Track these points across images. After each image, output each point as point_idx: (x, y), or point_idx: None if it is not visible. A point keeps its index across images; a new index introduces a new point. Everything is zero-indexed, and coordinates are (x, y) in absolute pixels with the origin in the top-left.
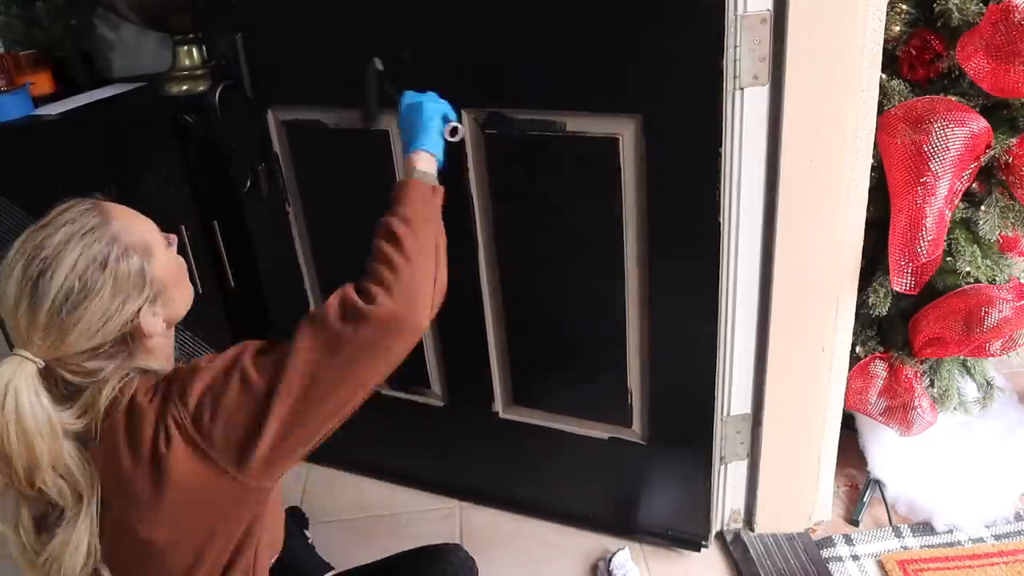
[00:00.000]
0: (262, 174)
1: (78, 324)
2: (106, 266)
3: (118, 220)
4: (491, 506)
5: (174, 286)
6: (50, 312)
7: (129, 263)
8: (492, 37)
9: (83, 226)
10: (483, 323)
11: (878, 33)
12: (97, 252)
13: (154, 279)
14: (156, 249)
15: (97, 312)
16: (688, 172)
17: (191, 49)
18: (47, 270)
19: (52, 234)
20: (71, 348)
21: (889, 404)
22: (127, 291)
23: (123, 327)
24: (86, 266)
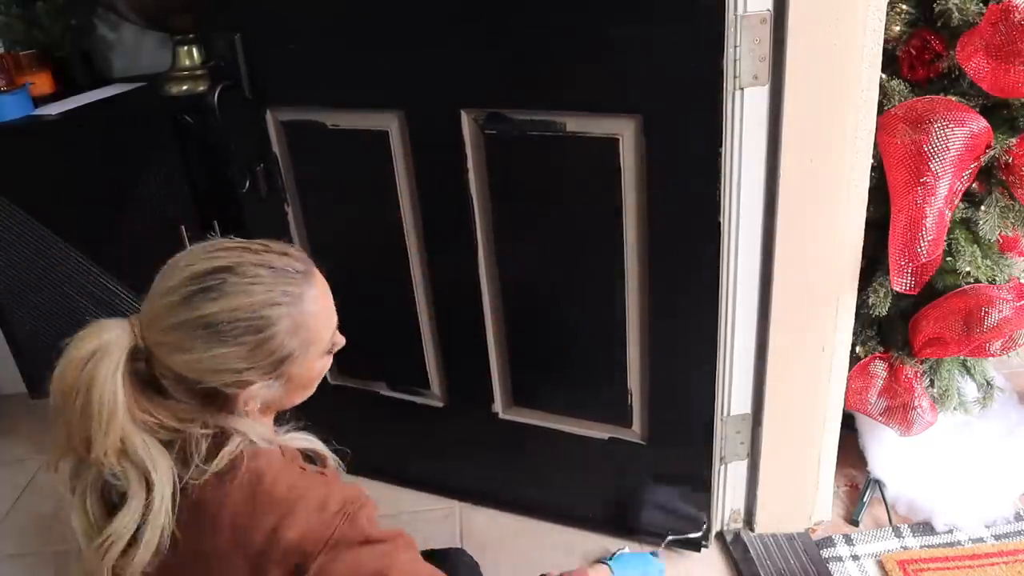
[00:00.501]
0: (261, 175)
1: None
2: (260, 334)
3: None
4: (491, 506)
5: (299, 387)
6: (185, 324)
7: (283, 347)
8: (492, 37)
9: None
10: (483, 323)
11: (878, 33)
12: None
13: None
14: (313, 350)
15: (217, 361)
16: (688, 172)
17: (191, 49)
18: (216, 290)
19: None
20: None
21: (889, 404)
22: (258, 364)
23: (224, 387)
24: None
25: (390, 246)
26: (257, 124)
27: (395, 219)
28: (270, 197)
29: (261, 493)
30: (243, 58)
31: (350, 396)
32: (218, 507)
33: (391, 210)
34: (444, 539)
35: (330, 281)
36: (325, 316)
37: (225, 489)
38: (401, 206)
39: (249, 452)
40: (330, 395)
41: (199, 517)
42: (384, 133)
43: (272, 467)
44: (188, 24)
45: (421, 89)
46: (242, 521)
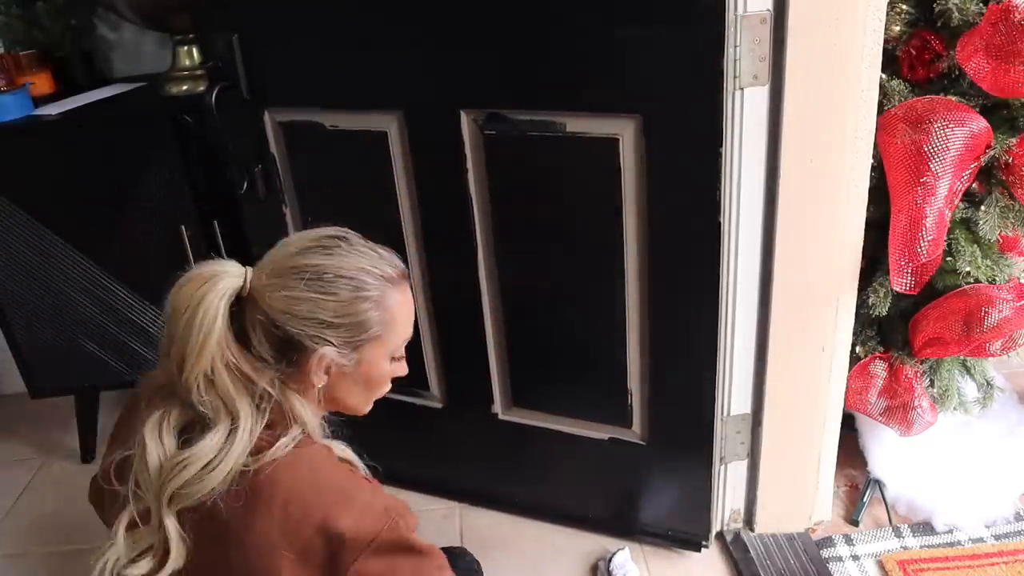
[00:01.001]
0: (259, 175)
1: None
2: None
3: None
4: (491, 507)
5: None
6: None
7: (370, 313)
8: (492, 37)
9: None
10: (482, 324)
11: (878, 33)
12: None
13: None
14: (390, 341)
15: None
16: (688, 172)
17: (191, 49)
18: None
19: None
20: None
21: (889, 404)
22: (343, 323)
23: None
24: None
25: (389, 246)
26: (255, 124)
27: (394, 220)
28: (268, 197)
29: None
30: (241, 58)
31: None
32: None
33: (390, 211)
34: (444, 539)
35: None
36: (407, 316)
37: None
38: (400, 207)
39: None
40: None
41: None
42: (383, 133)
43: (328, 460)
44: (187, 24)
45: (421, 89)
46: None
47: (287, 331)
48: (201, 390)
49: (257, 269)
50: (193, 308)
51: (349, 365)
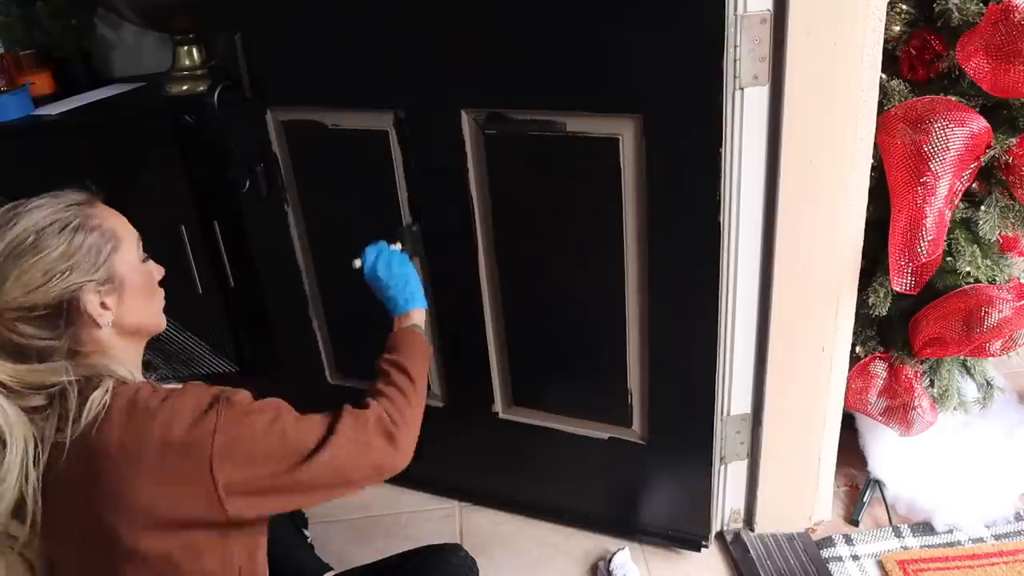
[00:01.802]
0: (261, 174)
1: (19, 275)
2: (63, 230)
3: (99, 208)
4: (491, 506)
5: (135, 291)
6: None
7: (87, 237)
8: (492, 37)
9: (62, 200)
10: (483, 323)
11: (878, 33)
12: (61, 217)
13: (112, 268)
14: (124, 245)
15: (40, 267)
16: (688, 172)
17: (191, 49)
18: (13, 219)
19: (34, 200)
20: (7, 297)
21: (889, 404)
22: (76, 261)
23: (62, 295)
24: (46, 226)
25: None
26: (257, 124)
27: (395, 219)
28: (270, 197)
29: (137, 412)
30: (243, 58)
31: (349, 396)
32: (103, 444)
33: (391, 210)
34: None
35: (330, 280)
36: (119, 220)
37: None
38: (401, 206)
39: (117, 391)
40: (329, 395)
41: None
42: (384, 133)
43: (141, 391)
44: (188, 24)
45: (422, 89)
46: (132, 443)
47: (44, 304)
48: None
49: None
50: None
51: (114, 286)
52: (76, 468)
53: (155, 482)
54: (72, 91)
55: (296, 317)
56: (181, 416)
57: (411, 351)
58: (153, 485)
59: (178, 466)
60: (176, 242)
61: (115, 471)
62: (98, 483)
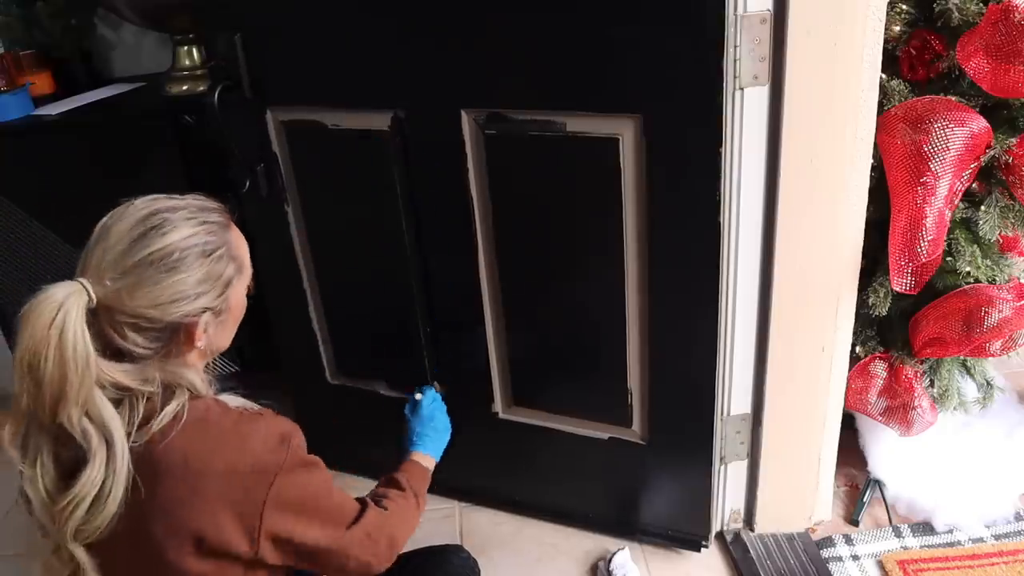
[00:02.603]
0: (261, 175)
1: (153, 288)
2: (209, 256)
3: (235, 234)
4: (491, 506)
5: (231, 319)
6: (141, 262)
7: (226, 268)
8: (492, 37)
9: (208, 216)
10: (483, 323)
11: (878, 33)
12: (209, 241)
13: (229, 299)
14: (244, 277)
15: (176, 288)
16: (688, 172)
17: (191, 49)
18: (163, 226)
19: (182, 208)
20: (132, 303)
21: (889, 404)
22: (209, 288)
23: (184, 317)
24: (194, 245)
25: (390, 246)
26: (257, 124)
27: (395, 219)
28: (270, 197)
29: (211, 430)
30: (243, 58)
31: (349, 396)
32: (168, 457)
33: (391, 210)
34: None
35: (330, 280)
36: (246, 246)
37: (172, 441)
38: (401, 206)
39: (189, 404)
40: (330, 395)
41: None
42: (384, 132)
43: (213, 409)
44: (188, 24)
45: (422, 89)
46: (196, 463)
47: (163, 321)
48: (75, 424)
49: (92, 277)
50: (57, 348)
51: (224, 316)
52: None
53: (210, 508)
54: (72, 91)
55: (296, 317)
56: (250, 446)
57: (424, 485)
58: (207, 510)
59: (234, 497)
60: None
61: (174, 489)
62: (154, 496)
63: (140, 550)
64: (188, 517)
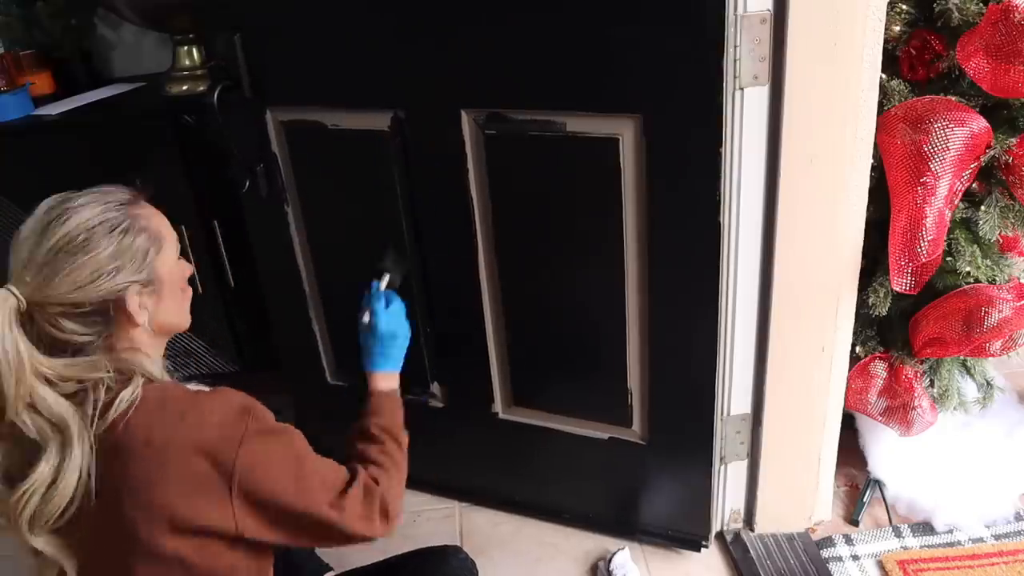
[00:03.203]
0: (261, 175)
1: (70, 272)
2: (113, 231)
3: (145, 208)
4: (491, 506)
5: (170, 291)
6: (50, 250)
7: (135, 239)
8: (492, 37)
9: (110, 198)
10: (483, 323)
11: (878, 33)
12: (111, 218)
13: (154, 269)
14: (166, 246)
15: (90, 266)
16: (688, 172)
17: (191, 49)
18: (64, 215)
19: (83, 195)
20: (55, 292)
21: (889, 404)
22: (124, 262)
23: (108, 294)
24: (96, 224)
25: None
26: (257, 124)
27: (395, 219)
28: (270, 197)
29: (170, 408)
30: (243, 58)
31: (349, 396)
32: (130, 439)
33: (391, 210)
34: (444, 539)
35: (330, 280)
36: (163, 221)
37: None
38: (401, 206)
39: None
40: (329, 395)
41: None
42: (384, 133)
43: (171, 390)
44: (188, 24)
45: (422, 89)
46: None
47: (90, 302)
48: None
49: (15, 280)
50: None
51: (155, 287)
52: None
53: (178, 483)
54: (72, 91)
55: (296, 317)
56: (210, 420)
57: (398, 418)
58: (176, 486)
59: (200, 470)
60: None
61: (141, 468)
62: (123, 479)
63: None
64: (158, 494)
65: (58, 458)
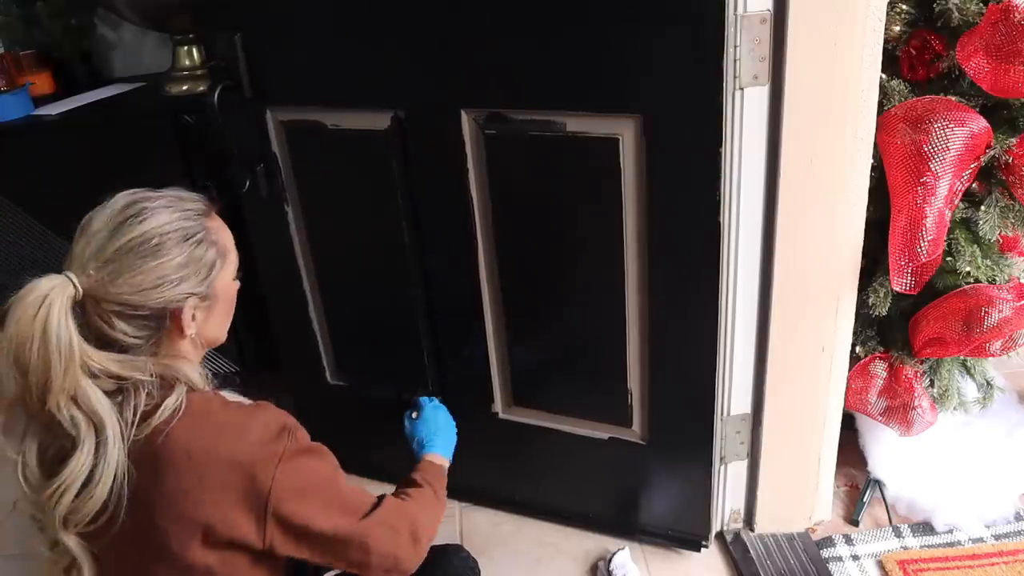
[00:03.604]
0: (261, 175)
1: (136, 274)
2: (187, 241)
3: (216, 221)
4: (491, 506)
5: (222, 307)
6: (121, 249)
7: (206, 252)
8: (492, 37)
9: (188, 205)
10: (483, 323)
11: (878, 33)
12: (187, 227)
13: (214, 285)
14: (230, 262)
15: (157, 272)
16: (688, 172)
17: (191, 49)
18: (141, 214)
19: (161, 197)
20: (116, 290)
21: (889, 404)
22: (189, 272)
23: (168, 302)
24: (172, 231)
25: (390, 246)
26: (257, 124)
27: (395, 219)
28: (270, 197)
29: (212, 422)
30: (243, 58)
31: (349, 396)
32: (170, 450)
33: (391, 210)
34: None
35: (330, 280)
36: (229, 235)
37: (173, 433)
38: (401, 206)
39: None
40: (329, 395)
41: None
42: (384, 132)
43: (213, 402)
44: (188, 24)
45: (422, 89)
46: (200, 454)
47: (148, 307)
48: (63, 411)
49: (77, 268)
50: (42, 338)
51: (211, 302)
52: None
53: (214, 497)
54: (72, 91)
55: (296, 317)
56: (250, 437)
57: (442, 481)
58: (212, 500)
59: (238, 486)
60: None
61: (178, 480)
62: (158, 487)
63: (144, 543)
64: (195, 507)
65: (93, 458)
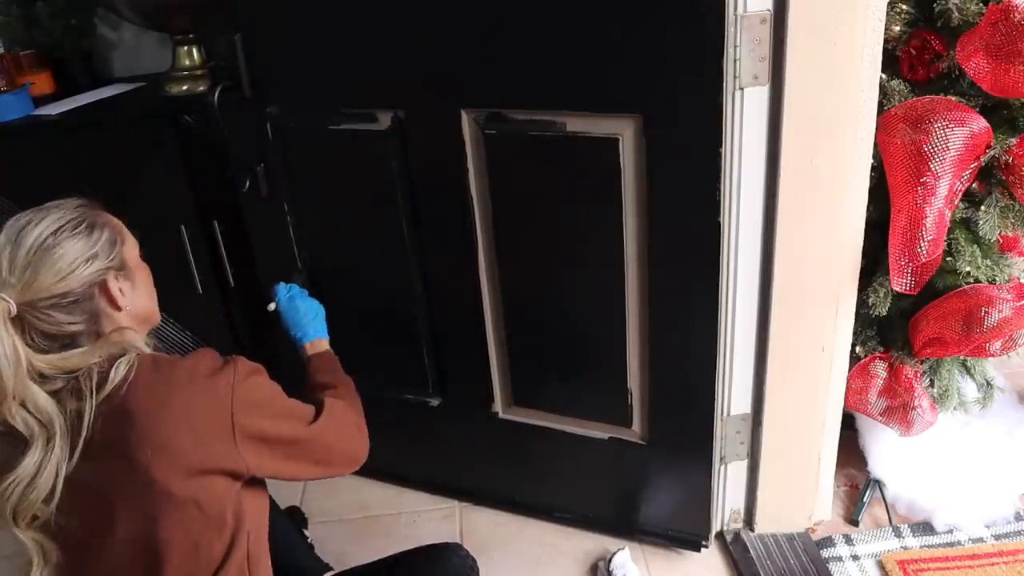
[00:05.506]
0: (261, 175)
1: (51, 265)
2: (79, 227)
3: (99, 209)
4: (491, 506)
5: (141, 280)
6: (29, 251)
7: (103, 232)
8: (492, 37)
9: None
10: (483, 323)
11: (878, 33)
12: (73, 217)
13: (124, 257)
14: (129, 239)
15: (68, 258)
16: (688, 172)
17: (191, 49)
18: (27, 225)
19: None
20: (42, 285)
21: (889, 404)
22: (96, 250)
23: (91, 281)
24: (61, 226)
25: (390, 246)
26: (257, 124)
27: (395, 219)
28: (270, 197)
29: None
30: (243, 58)
31: None
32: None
33: (391, 210)
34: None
35: (330, 280)
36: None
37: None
38: (401, 206)
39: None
40: None
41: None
42: (384, 132)
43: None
44: (188, 24)
45: (422, 89)
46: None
47: (75, 292)
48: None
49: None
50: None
51: (127, 273)
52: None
53: (184, 421)
54: (72, 91)
55: None
56: (202, 365)
57: (336, 367)
58: (182, 423)
59: (203, 404)
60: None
61: (147, 417)
62: (132, 431)
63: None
64: (166, 436)
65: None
